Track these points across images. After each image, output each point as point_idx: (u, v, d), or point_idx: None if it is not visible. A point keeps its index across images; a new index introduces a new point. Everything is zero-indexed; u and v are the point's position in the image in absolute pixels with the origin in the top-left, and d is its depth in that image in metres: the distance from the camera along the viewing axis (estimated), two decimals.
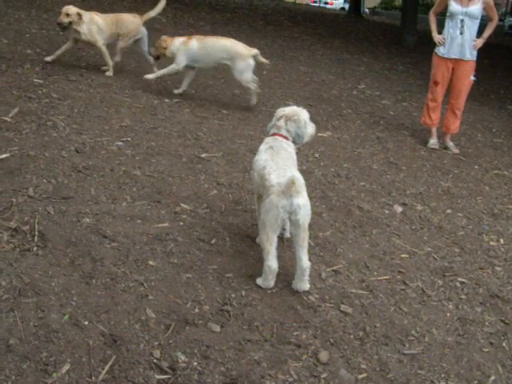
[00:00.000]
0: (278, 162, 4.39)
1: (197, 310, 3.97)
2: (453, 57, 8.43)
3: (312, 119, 5.01)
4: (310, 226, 4.45)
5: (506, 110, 12.53)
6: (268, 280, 4.34)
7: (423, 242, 5.69)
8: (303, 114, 4.89)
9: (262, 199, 4.35)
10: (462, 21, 8.24)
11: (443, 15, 8.93)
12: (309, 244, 4.41)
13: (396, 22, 26.49)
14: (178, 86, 8.87)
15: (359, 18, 26.10)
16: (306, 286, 4.40)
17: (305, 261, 4.29)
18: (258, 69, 11.59)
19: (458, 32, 8.30)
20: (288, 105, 5.39)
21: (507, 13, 38.72)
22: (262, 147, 4.71)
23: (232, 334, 3.82)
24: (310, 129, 4.95)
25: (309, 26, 19.75)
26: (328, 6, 51.04)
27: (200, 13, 17.63)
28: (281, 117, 4.86)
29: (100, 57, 9.61)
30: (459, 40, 8.32)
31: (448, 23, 8.44)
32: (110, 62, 8.93)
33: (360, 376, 3.73)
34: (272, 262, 4.27)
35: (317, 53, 15.12)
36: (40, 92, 7.44)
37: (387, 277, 4.92)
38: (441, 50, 8.51)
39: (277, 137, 4.77)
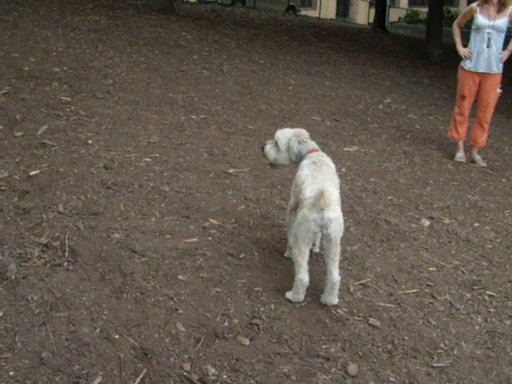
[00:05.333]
0: (316, 177, 4.39)
1: (226, 324, 4.00)
2: (480, 71, 8.38)
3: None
4: None
5: None
6: (298, 293, 4.35)
7: (451, 255, 5.68)
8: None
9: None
10: (488, 34, 8.22)
11: (468, 28, 8.90)
12: None
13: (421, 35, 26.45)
14: None
15: (384, 31, 26.03)
16: (335, 300, 4.40)
17: (335, 275, 4.29)
18: (284, 84, 11.69)
19: (484, 45, 8.25)
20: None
21: None
22: (306, 162, 4.66)
23: (261, 347, 3.85)
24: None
25: (334, 41, 19.78)
26: None
27: (225, 29, 17.72)
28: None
29: (127, 74, 9.74)
30: (486, 53, 8.27)
31: (474, 36, 8.39)
32: None
33: None
34: (304, 276, 4.28)
35: (342, 67, 15.13)
36: (68, 109, 7.53)
37: (415, 290, 4.92)
38: (467, 64, 8.47)
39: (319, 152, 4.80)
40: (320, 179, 4.34)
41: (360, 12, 45.68)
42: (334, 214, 4.17)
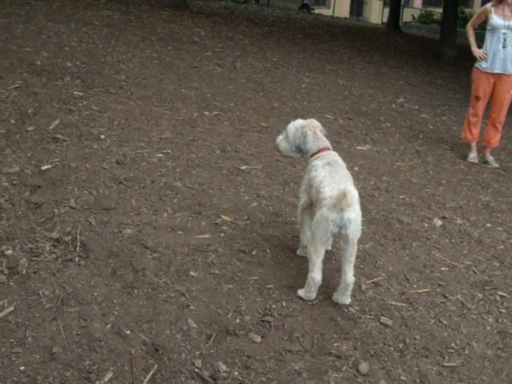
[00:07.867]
0: (334, 177, 4.32)
1: (238, 321, 4.00)
2: (495, 71, 8.35)
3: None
4: None
5: None
6: (310, 292, 4.34)
7: (463, 255, 5.65)
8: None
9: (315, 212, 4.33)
10: (504, 34, 8.17)
11: (482, 29, 8.85)
12: None
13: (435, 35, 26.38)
14: None
15: (398, 31, 25.92)
16: (348, 300, 4.38)
17: (350, 276, 4.27)
18: (297, 82, 11.67)
19: (500, 46, 8.21)
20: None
21: None
22: (319, 163, 4.56)
23: (273, 345, 3.84)
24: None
25: (347, 40, 19.72)
26: None
27: (238, 26, 17.70)
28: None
29: (139, 69, 9.75)
30: (501, 54, 8.24)
31: (489, 37, 8.35)
32: None
33: None
34: (317, 274, 4.26)
35: (355, 66, 15.08)
36: (80, 104, 7.53)
37: (427, 289, 4.90)
38: (483, 65, 8.42)
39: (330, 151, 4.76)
40: (339, 179, 4.30)
41: (374, 11, 45.65)
42: (354, 215, 4.11)
